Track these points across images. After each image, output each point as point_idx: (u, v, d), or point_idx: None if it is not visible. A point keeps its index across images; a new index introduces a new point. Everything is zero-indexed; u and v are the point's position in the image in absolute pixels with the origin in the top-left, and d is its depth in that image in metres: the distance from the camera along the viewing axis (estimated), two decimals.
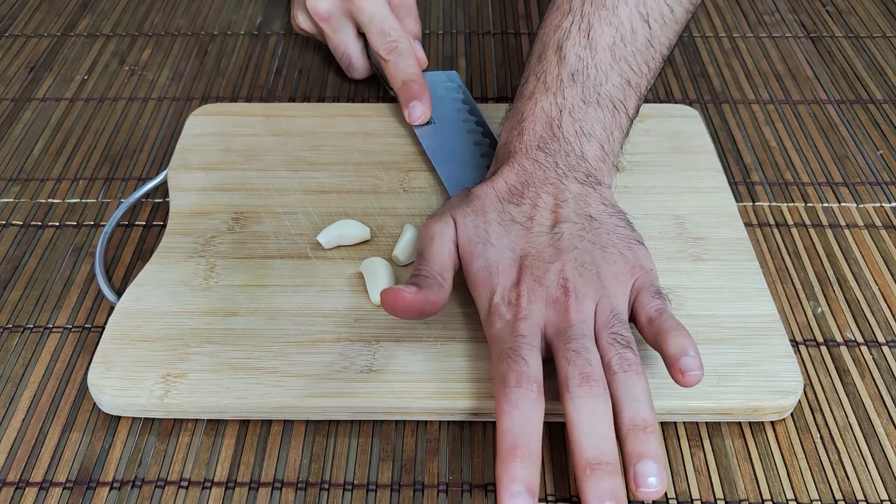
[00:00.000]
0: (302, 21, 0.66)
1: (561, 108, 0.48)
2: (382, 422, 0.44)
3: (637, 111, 0.50)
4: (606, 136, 0.48)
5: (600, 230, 0.45)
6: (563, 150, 0.47)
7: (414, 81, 0.59)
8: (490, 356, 0.42)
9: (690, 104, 0.64)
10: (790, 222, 0.55)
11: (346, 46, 0.64)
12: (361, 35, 0.64)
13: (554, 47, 0.49)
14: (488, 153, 0.56)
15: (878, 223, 0.55)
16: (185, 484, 0.42)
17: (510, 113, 0.51)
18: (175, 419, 0.44)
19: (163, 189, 0.56)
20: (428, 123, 0.58)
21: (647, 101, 0.64)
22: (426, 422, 0.44)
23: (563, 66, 0.48)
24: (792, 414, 0.44)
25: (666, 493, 0.41)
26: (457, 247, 0.46)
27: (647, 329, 0.42)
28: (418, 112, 0.58)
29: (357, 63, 0.65)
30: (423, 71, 0.62)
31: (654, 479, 0.37)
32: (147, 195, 0.56)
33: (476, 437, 0.43)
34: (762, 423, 0.44)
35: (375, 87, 0.66)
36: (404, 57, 0.61)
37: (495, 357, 0.42)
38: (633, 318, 0.43)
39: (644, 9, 0.49)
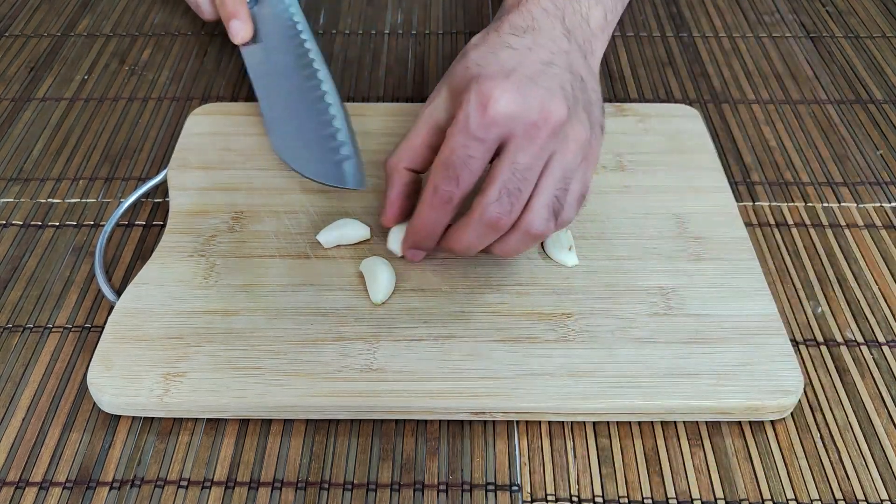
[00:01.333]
0: None
1: None
2: (382, 421, 0.44)
3: None
4: (613, 5, 0.48)
5: (587, 90, 0.46)
6: (572, 6, 0.47)
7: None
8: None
9: (690, 104, 0.64)
10: (790, 222, 0.55)
11: None
12: None
13: None
14: (312, 71, 0.55)
15: (879, 223, 0.55)
16: (184, 483, 0.42)
17: None
18: (175, 418, 0.44)
19: (163, 188, 0.56)
20: (254, 42, 0.57)
21: (647, 100, 0.64)
22: (426, 421, 0.44)
23: None
24: (792, 413, 0.44)
25: (666, 493, 0.41)
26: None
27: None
28: (236, 28, 0.58)
29: (202, 2, 0.65)
30: None
31: None
32: (147, 195, 0.56)
33: (476, 437, 0.43)
34: (762, 422, 0.44)
35: (375, 87, 0.66)
36: None
37: None
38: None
39: None
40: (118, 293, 0.48)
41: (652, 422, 0.44)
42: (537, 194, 0.43)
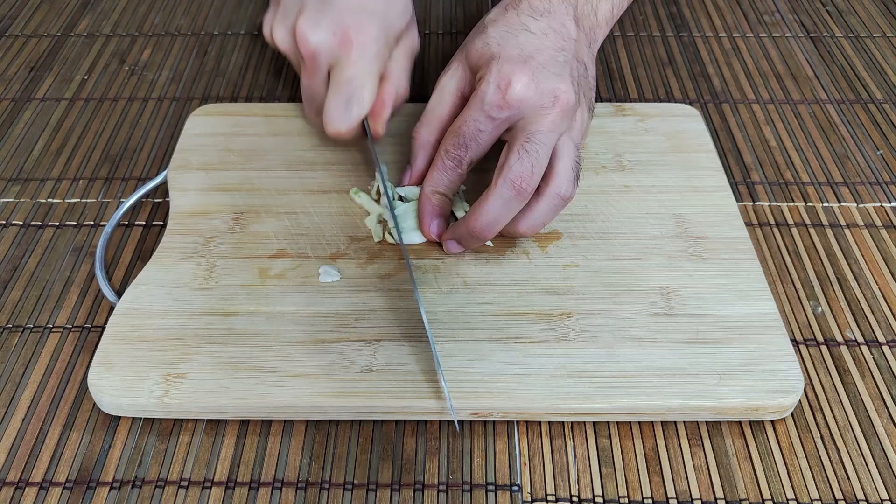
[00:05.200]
0: (281, 40, 0.53)
1: None
2: (382, 421, 0.44)
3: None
4: (620, 1, 0.53)
5: (588, 76, 0.50)
6: None
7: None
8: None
9: (690, 104, 0.64)
10: (790, 222, 0.55)
11: (316, 90, 0.54)
12: None
13: None
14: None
15: (879, 223, 0.55)
16: (185, 484, 0.42)
17: None
18: (175, 419, 0.44)
19: (163, 189, 0.56)
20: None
21: (647, 100, 0.64)
22: (426, 421, 0.44)
23: None
24: (792, 413, 0.44)
25: (666, 493, 0.41)
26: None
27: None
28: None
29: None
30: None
31: None
32: (147, 195, 0.56)
33: (476, 437, 0.43)
34: (762, 422, 0.44)
35: None
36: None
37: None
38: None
39: None
40: (118, 293, 0.48)
41: (652, 422, 0.44)
42: (559, 159, 0.46)
